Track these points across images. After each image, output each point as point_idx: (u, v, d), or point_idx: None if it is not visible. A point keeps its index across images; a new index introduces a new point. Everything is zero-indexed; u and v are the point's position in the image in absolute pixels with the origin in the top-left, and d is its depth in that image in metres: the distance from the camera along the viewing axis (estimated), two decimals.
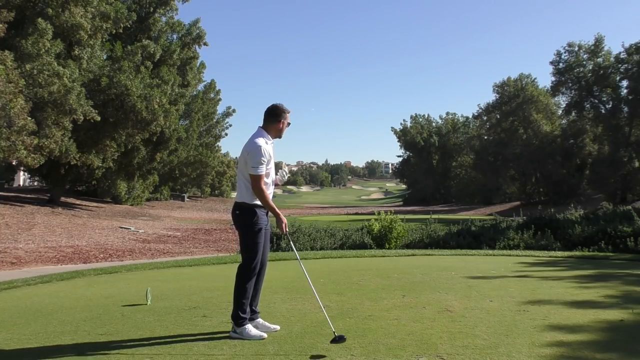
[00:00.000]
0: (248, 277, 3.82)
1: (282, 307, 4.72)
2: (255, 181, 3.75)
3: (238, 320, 3.75)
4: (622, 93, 43.75)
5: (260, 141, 3.81)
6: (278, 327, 3.91)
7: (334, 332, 3.57)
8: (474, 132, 64.92)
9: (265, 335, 3.70)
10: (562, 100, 49.42)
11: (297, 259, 4.25)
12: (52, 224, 19.76)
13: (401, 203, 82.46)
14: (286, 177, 4.42)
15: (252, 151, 3.77)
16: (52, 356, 3.43)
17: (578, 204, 24.78)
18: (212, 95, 46.77)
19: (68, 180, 31.59)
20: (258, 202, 3.82)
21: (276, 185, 4.23)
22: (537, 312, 4.35)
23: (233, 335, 3.73)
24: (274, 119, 3.94)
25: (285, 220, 3.87)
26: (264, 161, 3.75)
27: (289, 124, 4.04)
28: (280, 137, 4.03)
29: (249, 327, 3.74)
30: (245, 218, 3.82)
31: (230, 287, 5.82)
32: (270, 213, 4.02)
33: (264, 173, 3.76)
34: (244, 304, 3.79)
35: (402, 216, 15.15)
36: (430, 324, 3.97)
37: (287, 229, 3.93)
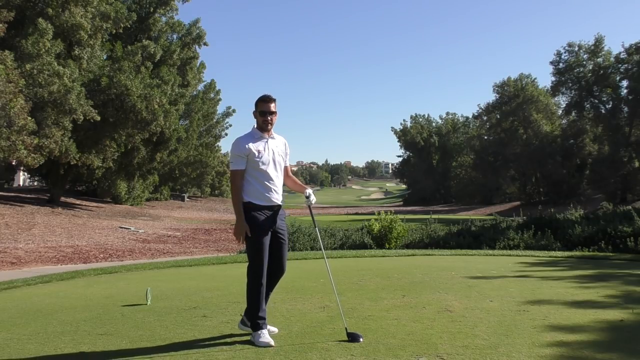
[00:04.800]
0: (253, 277, 3.70)
1: (282, 307, 4.72)
2: (231, 177, 3.78)
3: (254, 325, 3.66)
4: (622, 93, 43.77)
5: (240, 136, 3.82)
6: (276, 330, 3.85)
7: (346, 328, 3.59)
8: (474, 132, 64.92)
9: (272, 343, 3.52)
10: (562, 100, 49.54)
11: (324, 258, 4.24)
12: (52, 224, 19.75)
13: (401, 203, 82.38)
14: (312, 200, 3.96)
15: (230, 148, 3.84)
16: (52, 356, 3.43)
17: (578, 204, 24.73)
18: (212, 95, 46.72)
19: (68, 180, 31.57)
20: (253, 201, 3.72)
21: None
22: (537, 312, 4.34)
23: (251, 338, 3.64)
24: (254, 113, 3.88)
25: (246, 228, 3.63)
26: (239, 155, 3.73)
27: (264, 112, 3.77)
28: (264, 129, 3.81)
29: (261, 333, 3.60)
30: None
31: (230, 286, 5.86)
32: (278, 214, 3.86)
33: (240, 169, 3.73)
34: (256, 306, 3.66)
35: (402, 216, 15.14)
36: (430, 324, 3.97)
37: (241, 241, 3.69)
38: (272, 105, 3.82)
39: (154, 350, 3.45)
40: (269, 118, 3.80)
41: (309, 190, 3.98)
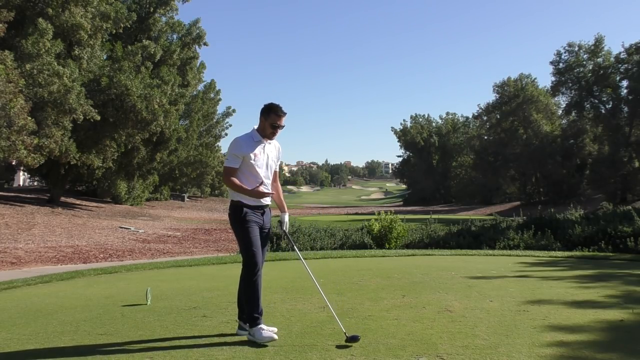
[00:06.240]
0: (250, 271, 3.74)
1: (282, 307, 4.71)
2: (224, 173, 3.83)
3: (252, 320, 3.67)
4: (622, 93, 43.74)
5: (240, 137, 3.85)
6: (275, 330, 3.84)
7: (344, 333, 3.55)
8: (474, 132, 64.91)
9: (275, 336, 3.59)
10: (562, 100, 49.50)
11: (299, 258, 4.25)
12: (52, 224, 19.75)
13: (401, 203, 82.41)
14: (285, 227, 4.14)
15: (228, 146, 3.87)
16: (52, 356, 3.43)
17: (578, 204, 24.71)
18: (212, 95, 46.76)
19: (68, 180, 31.57)
20: (242, 200, 3.79)
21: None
22: (537, 312, 4.34)
23: (249, 337, 3.65)
24: (260, 117, 3.90)
25: (258, 189, 3.76)
26: (236, 155, 3.77)
27: (275, 126, 3.83)
28: (266, 136, 3.88)
29: (261, 328, 3.63)
30: (232, 215, 3.84)
31: (230, 286, 5.86)
32: (266, 212, 3.94)
33: (234, 167, 3.77)
34: (255, 300, 3.70)
35: (402, 216, 15.13)
36: (430, 324, 3.97)
37: (263, 190, 3.77)
38: (284, 119, 3.89)
39: (154, 350, 3.45)
40: (277, 131, 3.90)
41: (286, 219, 4.07)
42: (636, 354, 3.24)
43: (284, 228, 4.08)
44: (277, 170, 4.13)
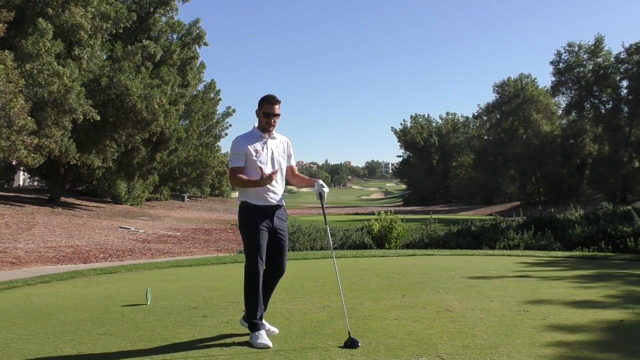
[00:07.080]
0: (249, 277, 3.66)
1: (282, 307, 4.71)
2: (230, 174, 3.74)
3: (251, 326, 3.63)
4: (622, 93, 43.79)
5: (240, 135, 3.79)
6: (276, 330, 3.82)
7: (348, 332, 3.50)
8: (474, 132, 64.97)
9: (270, 345, 3.47)
10: (562, 100, 49.58)
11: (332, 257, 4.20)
12: (52, 224, 19.75)
13: (401, 203, 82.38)
14: (321, 191, 3.88)
15: (230, 146, 3.82)
16: (52, 356, 3.43)
17: (578, 204, 24.74)
18: (212, 95, 46.78)
19: (68, 180, 31.58)
20: (249, 200, 3.71)
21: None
22: (537, 312, 4.34)
23: (249, 339, 3.61)
24: (256, 111, 3.82)
25: (265, 174, 3.56)
26: (238, 154, 3.70)
27: (269, 114, 3.71)
28: (265, 130, 3.77)
29: (259, 334, 3.56)
30: (239, 217, 3.79)
31: (230, 287, 5.86)
32: (278, 214, 3.82)
33: (238, 166, 3.69)
34: (252, 306, 3.64)
35: (402, 216, 15.14)
36: (430, 324, 3.97)
37: (272, 174, 3.58)
38: (277, 107, 3.77)
39: (154, 350, 3.44)
40: (272, 120, 3.77)
41: (324, 188, 3.89)
42: (636, 354, 3.24)
43: (323, 200, 3.93)
44: (293, 165, 4.03)
